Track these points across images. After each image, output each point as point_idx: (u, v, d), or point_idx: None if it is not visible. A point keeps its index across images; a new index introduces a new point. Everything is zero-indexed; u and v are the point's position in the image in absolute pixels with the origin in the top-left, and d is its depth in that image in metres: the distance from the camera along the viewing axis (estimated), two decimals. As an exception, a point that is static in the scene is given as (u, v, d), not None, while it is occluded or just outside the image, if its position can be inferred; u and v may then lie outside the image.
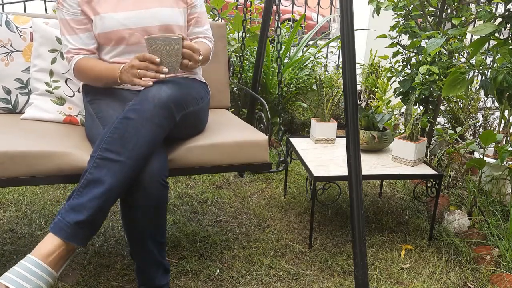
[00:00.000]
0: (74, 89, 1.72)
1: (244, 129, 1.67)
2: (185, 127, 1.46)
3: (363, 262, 1.50)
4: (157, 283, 1.40)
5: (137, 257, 1.38)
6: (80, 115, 1.71)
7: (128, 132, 1.23)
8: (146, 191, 1.25)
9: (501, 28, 1.69)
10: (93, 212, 1.18)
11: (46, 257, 1.14)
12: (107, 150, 1.22)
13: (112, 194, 1.20)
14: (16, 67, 1.72)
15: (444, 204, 2.26)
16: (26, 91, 1.75)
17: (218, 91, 2.07)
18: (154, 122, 1.26)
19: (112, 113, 1.42)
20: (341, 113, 3.58)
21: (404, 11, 2.43)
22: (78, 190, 1.20)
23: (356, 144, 1.45)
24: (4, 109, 1.73)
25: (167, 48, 1.30)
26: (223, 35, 2.07)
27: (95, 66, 1.50)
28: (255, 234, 2.01)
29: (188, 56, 1.37)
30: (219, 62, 2.07)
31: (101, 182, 1.19)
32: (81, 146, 1.43)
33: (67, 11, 1.50)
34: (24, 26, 1.73)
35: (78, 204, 1.18)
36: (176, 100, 1.32)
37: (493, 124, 2.98)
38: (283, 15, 7.38)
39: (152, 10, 1.54)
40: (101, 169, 1.20)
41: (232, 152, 1.54)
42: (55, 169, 1.36)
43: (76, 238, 1.18)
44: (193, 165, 1.50)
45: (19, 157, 1.32)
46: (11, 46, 1.71)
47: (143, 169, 1.25)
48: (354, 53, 1.41)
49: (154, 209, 1.29)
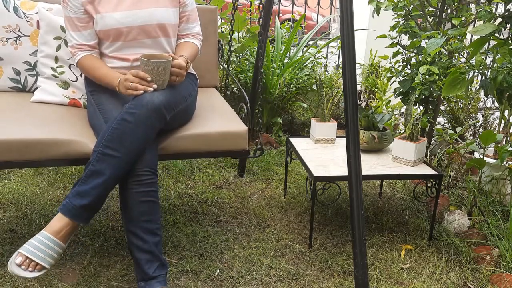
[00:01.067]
0: (77, 74, 1.90)
1: (227, 118, 1.86)
2: (174, 122, 1.67)
3: (363, 262, 1.50)
4: (151, 274, 1.47)
5: (133, 247, 1.49)
6: (83, 98, 1.89)
7: (125, 133, 1.46)
8: (139, 178, 1.48)
9: (501, 28, 1.69)
10: (94, 198, 1.44)
11: (57, 232, 1.41)
12: (107, 147, 1.45)
13: (110, 183, 1.45)
14: (24, 50, 1.89)
15: (444, 204, 2.26)
16: (34, 72, 1.93)
17: (208, 71, 2.26)
18: (147, 125, 1.49)
19: (111, 107, 1.62)
20: (341, 113, 3.58)
21: (404, 11, 2.43)
22: (83, 179, 1.45)
23: (356, 144, 1.45)
24: (15, 88, 1.93)
25: (158, 69, 1.51)
26: (214, 19, 2.24)
27: (98, 68, 1.68)
28: (255, 234, 2.01)
29: (176, 73, 1.60)
30: (209, 44, 2.22)
31: (102, 173, 1.43)
32: (85, 133, 1.65)
33: (72, 10, 1.65)
34: (30, 12, 1.89)
35: (83, 190, 1.43)
36: (167, 104, 1.53)
37: (493, 124, 2.98)
38: (283, 15, 7.39)
39: (148, 10, 1.70)
40: (102, 163, 1.44)
41: (216, 141, 1.74)
42: (63, 154, 1.59)
43: (81, 218, 1.44)
44: (181, 151, 1.71)
45: (33, 144, 1.55)
46: (19, 31, 1.87)
47: (137, 160, 1.48)
48: (354, 53, 1.41)
49: (147, 193, 1.49)
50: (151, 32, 1.71)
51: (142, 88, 1.52)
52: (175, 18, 1.78)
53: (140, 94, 1.51)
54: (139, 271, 1.49)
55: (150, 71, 1.52)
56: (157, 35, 1.73)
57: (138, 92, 1.51)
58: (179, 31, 1.86)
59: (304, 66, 3.35)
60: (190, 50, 1.82)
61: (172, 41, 1.80)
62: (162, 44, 1.75)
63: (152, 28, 1.71)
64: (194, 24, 1.89)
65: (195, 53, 1.86)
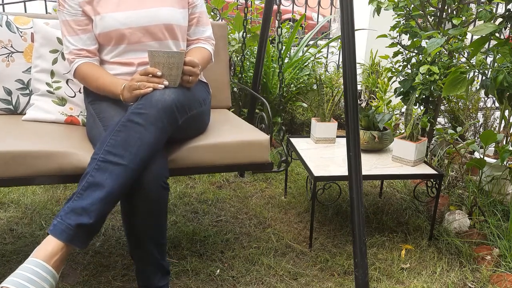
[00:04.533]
0: (75, 90, 1.72)
1: (245, 129, 1.67)
2: (187, 130, 1.47)
3: (363, 262, 1.50)
4: (156, 284, 1.41)
5: (136, 258, 1.40)
6: (81, 115, 1.71)
7: (132, 136, 1.23)
8: (146, 193, 1.25)
9: (501, 28, 1.69)
10: (95, 216, 1.18)
11: (49, 258, 1.13)
12: (109, 153, 1.22)
13: (113, 198, 1.20)
14: (17, 67, 1.72)
15: (445, 204, 2.25)
16: (27, 92, 1.74)
17: (219, 91, 2.07)
18: (157, 127, 1.26)
19: (113, 114, 1.44)
20: (342, 113, 3.58)
21: (404, 11, 2.43)
22: (79, 192, 1.19)
23: (356, 144, 1.45)
24: (5, 110, 1.73)
25: (169, 61, 1.32)
26: (224, 35, 2.08)
27: (98, 77, 1.50)
28: (256, 234, 2.01)
29: (189, 72, 1.40)
30: (220, 61, 2.07)
31: (102, 185, 1.18)
32: (82, 146, 1.44)
33: (68, 12, 1.51)
34: (24, 26, 1.73)
35: (79, 206, 1.17)
36: (180, 104, 1.33)
37: (494, 124, 2.98)
38: (283, 15, 7.38)
39: (153, 10, 1.55)
40: (103, 172, 1.20)
41: (233, 152, 1.53)
42: (57, 169, 1.37)
43: (77, 241, 1.17)
44: (194, 165, 1.50)
45: (21, 157, 1.33)
46: (12, 46, 1.71)
47: (144, 171, 1.25)
48: (355, 53, 1.41)
49: (155, 210, 1.29)
50: (157, 34, 1.55)
51: (151, 85, 1.32)
52: (184, 20, 1.63)
53: (149, 92, 1.31)
54: (142, 279, 1.41)
55: (160, 64, 1.33)
56: (164, 37, 1.57)
57: (147, 90, 1.31)
58: (189, 35, 1.70)
59: (304, 66, 3.35)
60: (202, 55, 1.65)
61: (181, 45, 1.64)
62: (170, 47, 1.60)
63: (158, 29, 1.55)
64: (205, 28, 1.72)
65: (208, 59, 1.69)
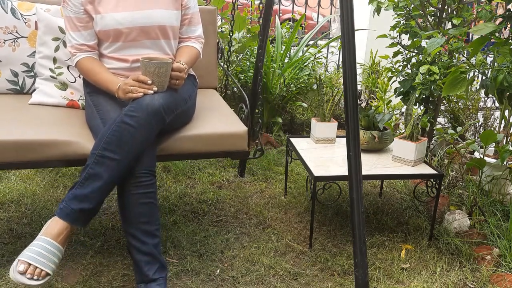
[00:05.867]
0: (75, 75, 1.88)
1: (227, 119, 1.86)
2: (174, 124, 1.67)
3: (363, 262, 1.50)
4: (151, 276, 1.47)
5: (132, 249, 1.49)
6: (81, 99, 1.88)
7: (125, 136, 1.45)
8: (138, 180, 1.47)
9: (501, 28, 1.69)
10: (94, 202, 1.43)
11: (57, 236, 1.38)
12: (106, 150, 1.44)
13: (108, 187, 1.44)
14: (22, 52, 1.88)
15: (445, 204, 2.25)
16: (32, 74, 1.91)
17: (207, 72, 2.25)
18: (146, 128, 1.48)
19: (109, 109, 1.62)
20: (342, 113, 3.58)
21: (404, 11, 2.43)
22: (81, 182, 1.43)
23: (356, 144, 1.45)
24: (12, 90, 1.92)
25: (158, 70, 1.52)
26: (213, 20, 2.25)
27: (98, 73, 1.67)
28: (256, 234, 2.01)
29: (176, 77, 1.60)
30: (208, 45, 2.20)
31: (100, 176, 1.42)
32: (83, 134, 1.64)
33: (71, 10, 1.65)
34: (28, 13, 1.87)
35: (81, 194, 1.41)
36: (167, 107, 1.53)
37: (494, 124, 2.98)
38: (283, 15, 7.39)
39: (149, 11, 1.69)
40: (101, 166, 1.43)
41: (216, 142, 1.74)
42: (61, 155, 1.58)
43: (79, 222, 1.43)
44: (181, 152, 1.71)
45: (30, 144, 1.54)
46: (17, 32, 1.86)
47: (136, 162, 1.47)
48: (355, 53, 1.40)
49: (145, 194, 1.48)
50: (151, 34, 1.70)
51: (142, 91, 1.51)
52: (176, 21, 1.77)
53: (140, 97, 1.51)
54: (139, 273, 1.49)
55: (150, 73, 1.52)
56: (157, 37, 1.72)
57: (138, 94, 1.51)
58: (181, 34, 1.84)
59: (304, 66, 3.35)
60: (190, 55, 1.81)
61: (172, 43, 1.79)
62: (162, 46, 1.75)
63: (152, 30, 1.70)
64: (196, 27, 1.88)
65: (195, 58, 1.85)
